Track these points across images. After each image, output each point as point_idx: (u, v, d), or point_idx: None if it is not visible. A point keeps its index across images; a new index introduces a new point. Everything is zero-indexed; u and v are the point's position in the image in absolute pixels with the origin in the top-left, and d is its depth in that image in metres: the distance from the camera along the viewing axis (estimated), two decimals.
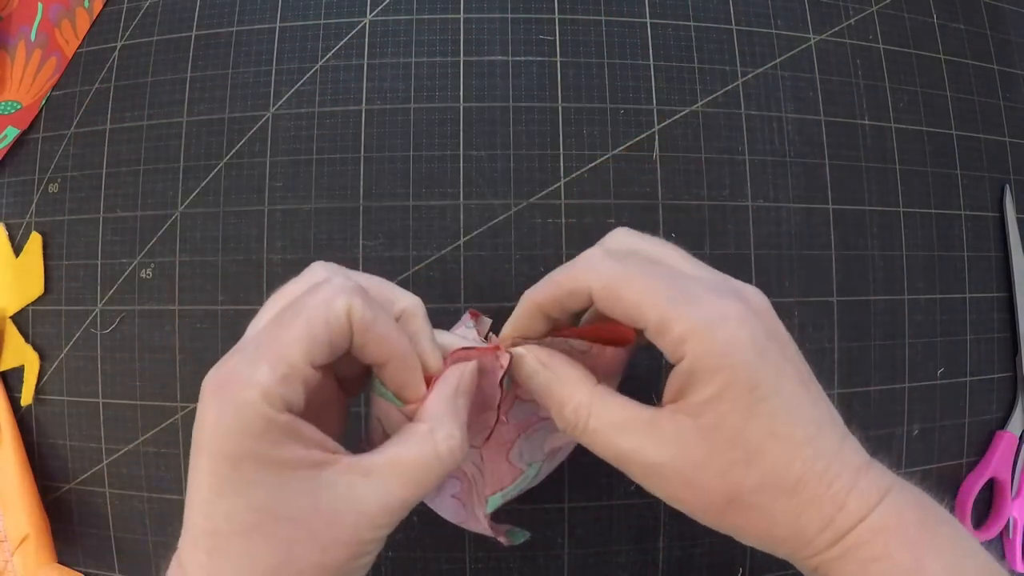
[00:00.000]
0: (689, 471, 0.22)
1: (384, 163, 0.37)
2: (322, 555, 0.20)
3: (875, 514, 0.22)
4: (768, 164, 0.38)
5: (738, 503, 0.22)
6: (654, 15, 0.39)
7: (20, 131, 0.40)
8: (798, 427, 0.22)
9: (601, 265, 0.23)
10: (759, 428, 0.21)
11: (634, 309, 0.22)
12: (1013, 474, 0.40)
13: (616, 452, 0.23)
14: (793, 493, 0.22)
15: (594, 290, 0.23)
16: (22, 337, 0.38)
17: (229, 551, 0.20)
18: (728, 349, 0.21)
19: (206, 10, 0.39)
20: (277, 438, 0.20)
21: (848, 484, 0.22)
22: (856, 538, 0.22)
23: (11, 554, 0.36)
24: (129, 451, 0.37)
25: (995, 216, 0.41)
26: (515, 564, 0.36)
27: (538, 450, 0.29)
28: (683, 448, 0.22)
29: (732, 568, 0.36)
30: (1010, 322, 0.41)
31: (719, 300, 0.22)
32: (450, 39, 0.38)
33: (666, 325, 0.21)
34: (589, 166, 0.37)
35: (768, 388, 0.21)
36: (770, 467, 0.22)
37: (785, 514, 0.22)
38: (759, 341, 0.22)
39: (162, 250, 0.38)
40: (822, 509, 0.22)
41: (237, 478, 0.20)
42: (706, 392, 0.21)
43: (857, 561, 0.22)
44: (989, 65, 0.42)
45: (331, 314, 0.21)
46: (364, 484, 0.21)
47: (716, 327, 0.21)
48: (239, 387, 0.20)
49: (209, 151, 0.38)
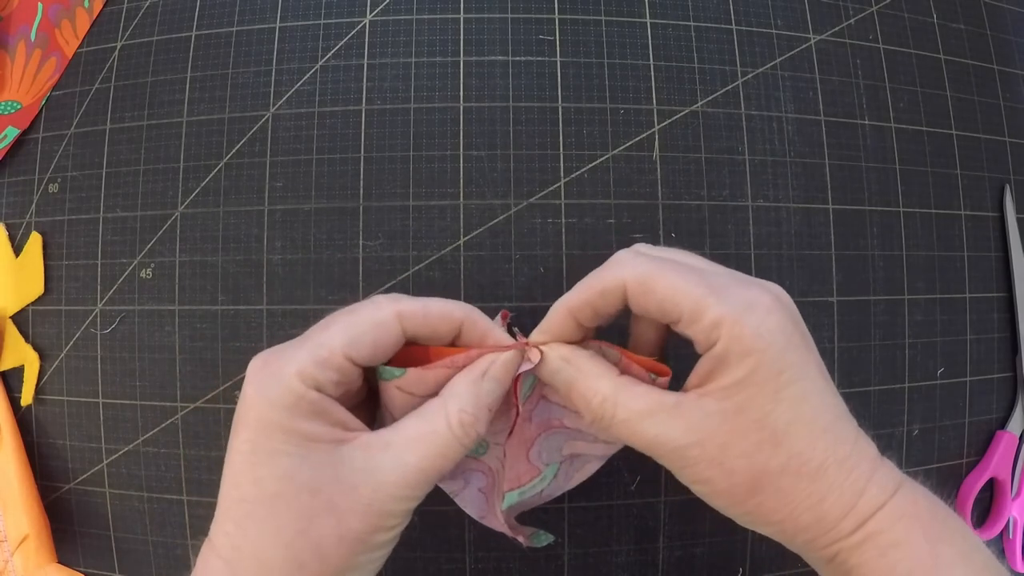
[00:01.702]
0: (716, 453, 0.22)
1: (384, 163, 0.37)
2: (339, 525, 0.21)
3: (893, 502, 0.23)
4: (768, 164, 0.38)
5: (763, 486, 0.22)
6: (654, 15, 0.39)
7: (20, 131, 0.40)
8: (821, 414, 0.23)
9: (633, 261, 0.24)
10: (785, 412, 0.22)
11: (668, 300, 0.23)
12: (1013, 474, 0.40)
13: (645, 439, 0.23)
14: (816, 477, 0.22)
15: (628, 284, 0.23)
16: (22, 337, 0.38)
17: (253, 519, 0.21)
18: (759, 334, 0.22)
19: (206, 10, 0.39)
20: (305, 413, 0.21)
21: (867, 472, 0.23)
22: (876, 525, 0.22)
23: (11, 554, 0.36)
24: (129, 451, 0.37)
25: (995, 216, 0.41)
26: (515, 564, 0.36)
27: (556, 451, 0.29)
28: (710, 430, 0.23)
29: (732, 568, 0.36)
30: (1010, 322, 0.41)
31: (748, 290, 0.23)
32: (450, 39, 0.38)
33: (700, 313, 0.22)
34: (589, 166, 0.37)
35: (794, 374, 0.22)
36: (795, 450, 0.22)
37: (808, 498, 0.22)
38: (787, 329, 0.23)
39: (162, 250, 0.38)
40: (844, 495, 0.22)
41: (266, 446, 0.21)
42: (735, 375, 0.22)
43: (877, 547, 0.22)
44: (989, 65, 0.42)
45: (379, 315, 0.23)
46: (381, 456, 0.22)
47: (748, 314, 0.22)
48: (279, 365, 0.22)
49: (209, 151, 0.38)
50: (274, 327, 0.36)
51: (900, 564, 0.22)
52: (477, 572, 0.36)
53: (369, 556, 0.23)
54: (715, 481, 0.23)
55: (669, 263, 0.24)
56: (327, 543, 0.21)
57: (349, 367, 0.22)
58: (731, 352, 0.22)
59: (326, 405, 0.22)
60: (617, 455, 0.36)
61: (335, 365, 0.22)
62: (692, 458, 0.23)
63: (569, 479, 0.30)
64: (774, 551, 0.37)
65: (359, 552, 0.22)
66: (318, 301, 0.36)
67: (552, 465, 0.29)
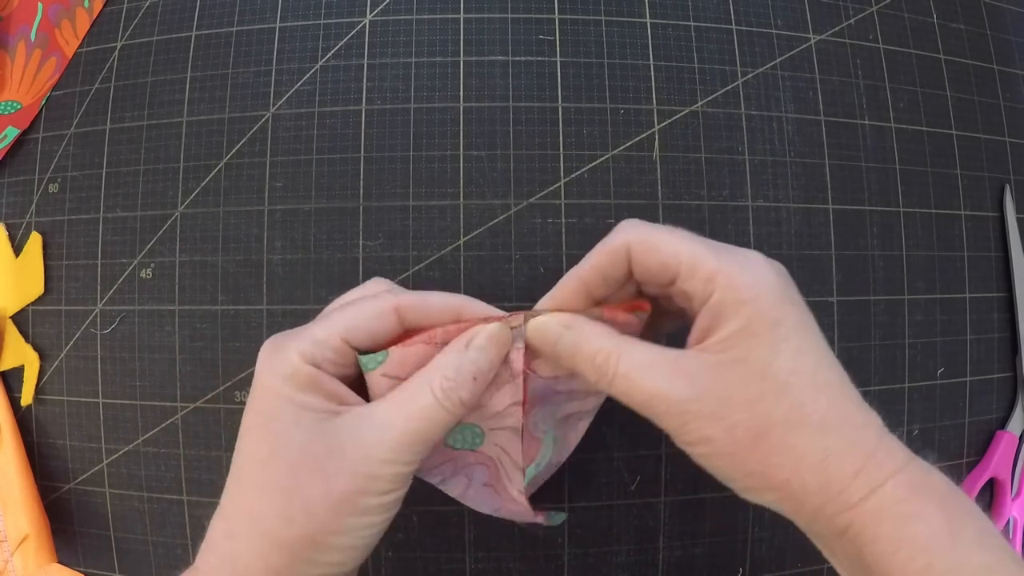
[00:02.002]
0: (717, 405, 0.22)
1: (384, 163, 0.37)
2: (327, 483, 0.22)
3: (906, 472, 0.22)
4: (768, 164, 0.38)
5: (766, 439, 0.22)
6: (654, 15, 0.39)
7: (20, 131, 0.40)
8: (822, 368, 0.23)
9: (636, 224, 0.25)
10: (785, 362, 0.22)
11: (670, 255, 0.24)
12: (1013, 474, 0.40)
13: (645, 394, 0.23)
14: (821, 431, 0.22)
15: (632, 243, 0.24)
16: (22, 337, 0.38)
17: (249, 477, 0.24)
18: (754, 284, 0.23)
19: (206, 10, 0.39)
20: (303, 385, 0.23)
21: (874, 436, 0.22)
22: (892, 493, 0.21)
23: (11, 554, 0.36)
24: (129, 451, 0.37)
25: (995, 216, 0.41)
26: (515, 564, 0.36)
27: (549, 417, 0.30)
28: (709, 382, 0.23)
29: (732, 568, 0.37)
30: (1010, 322, 0.41)
31: (744, 251, 0.24)
32: (450, 39, 0.38)
33: (697, 265, 0.23)
34: (589, 166, 0.37)
35: (792, 326, 0.23)
36: (797, 400, 0.22)
37: (813, 454, 0.22)
38: (781, 285, 0.23)
39: (162, 250, 0.38)
40: (851, 454, 0.22)
41: (266, 413, 0.23)
42: (732, 326, 0.22)
43: (895, 518, 0.21)
44: (989, 65, 0.42)
45: (377, 307, 0.25)
46: (369, 423, 0.23)
47: (744, 266, 0.23)
48: (284, 343, 0.24)
49: (209, 151, 0.38)
50: (274, 327, 0.36)
51: (918, 537, 0.21)
52: (477, 572, 0.36)
53: (359, 520, 0.23)
54: (716, 439, 0.23)
55: (668, 227, 0.25)
56: (315, 500, 0.22)
57: (347, 350, 0.24)
58: (726, 302, 0.23)
59: (323, 379, 0.24)
60: (618, 456, 0.36)
61: (332, 346, 0.24)
62: (692, 413, 0.22)
63: (567, 442, 0.31)
64: (774, 551, 0.37)
65: (347, 513, 0.23)
66: (318, 301, 0.36)
67: (548, 432, 0.30)
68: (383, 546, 0.36)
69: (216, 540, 0.24)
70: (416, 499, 0.35)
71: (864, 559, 0.22)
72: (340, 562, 0.24)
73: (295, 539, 0.23)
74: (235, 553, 0.23)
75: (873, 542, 0.22)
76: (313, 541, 0.23)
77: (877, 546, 0.21)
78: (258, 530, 0.23)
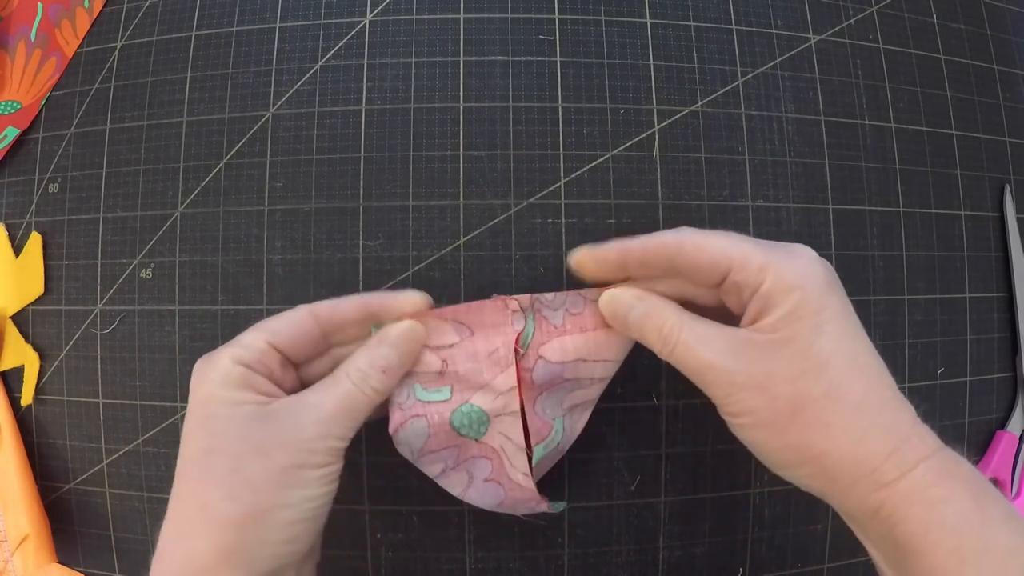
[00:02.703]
0: (762, 377, 0.24)
1: (384, 163, 0.37)
2: (267, 460, 0.24)
3: (937, 457, 0.23)
4: (768, 164, 0.38)
5: (804, 413, 0.24)
6: (654, 15, 0.39)
7: (20, 131, 0.40)
8: (860, 353, 0.25)
9: (687, 228, 0.27)
10: (826, 344, 0.24)
11: (719, 252, 0.26)
12: (1013, 474, 0.40)
13: (700, 361, 0.25)
14: (857, 411, 0.24)
15: (685, 242, 0.26)
16: (22, 337, 0.38)
17: (193, 470, 0.25)
18: (803, 273, 0.25)
19: (206, 10, 0.39)
20: (235, 384, 0.25)
21: (909, 421, 0.24)
22: (924, 476, 0.23)
23: (11, 554, 0.36)
24: (129, 451, 0.37)
25: (995, 216, 0.41)
26: (515, 564, 0.36)
27: (557, 405, 0.30)
28: (757, 358, 0.25)
29: (732, 568, 0.37)
30: (1010, 322, 0.41)
31: (794, 245, 0.26)
32: (450, 39, 0.38)
33: (748, 260, 0.25)
34: (589, 166, 0.37)
35: (835, 312, 0.25)
36: (836, 380, 0.24)
37: (849, 433, 0.23)
38: (827, 276, 0.25)
39: (162, 250, 0.38)
40: (886, 435, 0.23)
41: (203, 415, 0.25)
42: (781, 310, 0.24)
43: (925, 501, 0.23)
44: (989, 65, 0.42)
45: (293, 316, 0.28)
46: (301, 406, 0.26)
47: (793, 257, 0.25)
48: (216, 355, 0.26)
49: (209, 151, 0.38)
50: None
51: (949, 519, 0.22)
52: (477, 572, 0.36)
53: (301, 492, 0.25)
54: (759, 410, 0.24)
55: (720, 231, 0.27)
56: (257, 477, 0.24)
57: (270, 350, 0.27)
58: (776, 290, 0.24)
59: (254, 378, 0.26)
60: (618, 456, 0.36)
61: (259, 348, 0.26)
62: (738, 384, 0.24)
63: (573, 431, 0.31)
64: (774, 551, 0.37)
65: (288, 485, 0.25)
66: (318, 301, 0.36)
67: (558, 419, 0.30)
68: (383, 546, 0.36)
69: (168, 546, 0.25)
70: (416, 499, 0.35)
71: (896, 539, 0.23)
72: (289, 538, 0.25)
73: (241, 516, 0.24)
74: (190, 552, 0.24)
75: (904, 523, 0.23)
76: (259, 516, 0.24)
77: (908, 527, 0.23)
78: (207, 518, 0.24)
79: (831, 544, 0.37)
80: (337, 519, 0.36)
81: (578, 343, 0.29)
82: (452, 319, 0.28)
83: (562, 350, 0.29)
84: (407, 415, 0.28)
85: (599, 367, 0.30)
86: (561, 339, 0.29)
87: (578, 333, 0.29)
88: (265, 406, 0.25)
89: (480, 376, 0.29)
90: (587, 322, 0.29)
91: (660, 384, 0.36)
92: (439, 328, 0.28)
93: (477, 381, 0.29)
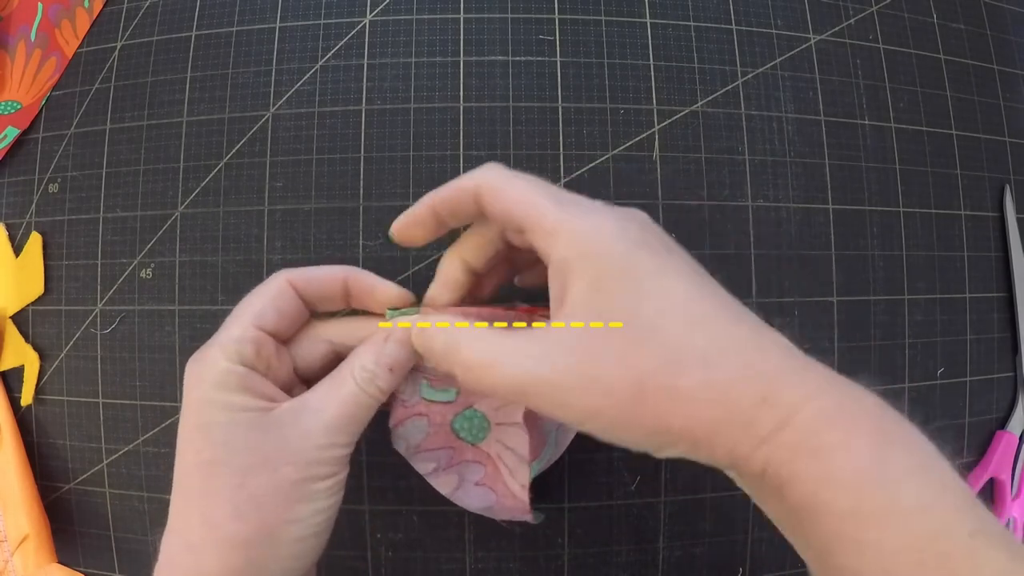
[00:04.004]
0: (589, 369, 0.20)
1: (384, 163, 0.37)
2: (274, 475, 0.23)
3: (825, 400, 0.19)
4: (768, 164, 0.38)
5: (650, 390, 0.20)
6: (654, 15, 0.39)
7: (20, 131, 0.40)
8: (693, 302, 0.21)
9: (494, 169, 0.25)
10: (647, 307, 0.21)
11: (514, 204, 0.23)
12: (1013, 474, 0.40)
13: (514, 383, 0.21)
14: (703, 365, 0.20)
15: (481, 186, 0.24)
16: (22, 337, 0.38)
17: (196, 484, 0.24)
18: (596, 232, 0.22)
19: (206, 10, 0.39)
20: (233, 387, 0.24)
21: (776, 361, 0.20)
22: (810, 422, 0.19)
23: (11, 554, 0.36)
24: (129, 451, 0.37)
25: (995, 216, 0.41)
26: (515, 564, 0.36)
27: (551, 419, 0.30)
28: (575, 349, 0.21)
29: (732, 568, 0.36)
30: (1010, 322, 0.41)
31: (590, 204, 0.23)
32: (450, 39, 0.38)
33: (540, 218, 0.22)
34: (589, 166, 0.37)
35: (647, 269, 0.21)
36: (670, 342, 0.20)
37: (706, 390, 0.20)
38: (631, 231, 0.22)
39: (162, 250, 0.38)
40: (748, 382, 0.20)
41: (201, 422, 0.24)
42: (582, 284, 0.21)
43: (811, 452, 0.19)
44: (989, 65, 0.42)
45: (272, 287, 0.26)
46: (304, 413, 0.24)
47: (585, 218, 0.22)
48: (206, 352, 0.25)
49: (209, 151, 0.38)
50: None
51: (840, 473, 0.19)
52: (477, 572, 0.36)
53: (308, 507, 0.24)
54: (603, 410, 0.20)
55: (526, 178, 0.24)
56: (263, 493, 0.23)
57: (262, 336, 0.25)
58: (571, 258, 0.21)
59: (252, 380, 0.24)
60: (618, 456, 0.36)
61: (250, 337, 0.25)
62: (568, 389, 0.21)
63: (559, 444, 0.31)
64: (774, 551, 0.37)
65: (295, 500, 0.23)
66: None
67: (552, 432, 0.30)
68: (383, 546, 0.36)
69: (175, 557, 0.24)
70: (416, 499, 0.35)
71: (787, 500, 0.19)
72: (297, 554, 0.24)
73: (250, 534, 0.23)
74: (198, 565, 0.23)
75: (792, 481, 0.19)
76: (267, 534, 0.23)
77: (797, 487, 0.19)
78: (215, 536, 0.23)
79: None
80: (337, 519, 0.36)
81: None
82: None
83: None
84: (410, 412, 0.28)
85: None
86: None
87: None
88: (267, 413, 0.24)
89: None
90: None
91: None
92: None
93: None
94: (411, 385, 0.28)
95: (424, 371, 0.28)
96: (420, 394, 0.28)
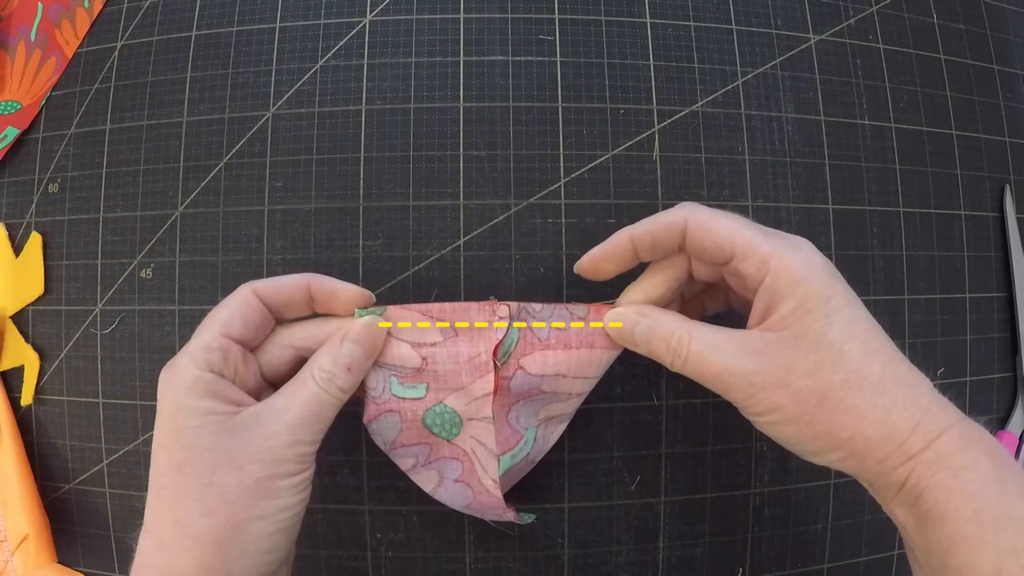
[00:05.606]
0: (782, 375, 0.25)
1: (384, 163, 0.37)
2: (240, 473, 0.25)
3: (959, 427, 0.24)
4: (768, 164, 0.38)
5: (829, 401, 0.24)
6: (654, 15, 0.39)
7: (20, 131, 0.40)
8: (872, 336, 0.25)
9: (698, 207, 0.27)
10: (839, 332, 0.25)
11: (723, 237, 0.26)
12: None
13: (715, 368, 0.26)
14: (878, 390, 0.24)
15: (690, 221, 0.27)
16: (22, 337, 0.38)
17: (167, 485, 0.25)
18: (806, 265, 0.25)
19: (206, 10, 0.39)
20: (202, 392, 0.25)
21: (927, 393, 0.25)
22: (946, 446, 0.24)
23: (11, 554, 0.36)
24: (129, 451, 0.37)
25: (995, 216, 0.41)
26: (515, 564, 0.36)
27: (532, 415, 0.31)
28: (772, 356, 0.25)
29: (732, 568, 0.37)
30: (1010, 322, 0.41)
31: (793, 236, 0.27)
32: (450, 39, 0.38)
33: (752, 248, 0.26)
34: (589, 166, 0.37)
35: (842, 301, 0.25)
36: (853, 365, 0.24)
37: (874, 411, 0.24)
38: (829, 266, 0.26)
39: (162, 250, 0.38)
40: (908, 409, 0.24)
41: (172, 426, 0.25)
42: (789, 305, 0.25)
43: (949, 468, 0.23)
44: (989, 65, 0.42)
45: (238, 298, 0.27)
46: (268, 413, 0.26)
47: (795, 249, 0.26)
48: (176, 361, 0.26)
49: (209, 151, 0.38)
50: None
51: (970, 486, 0.23)
52: (477, 572, 0.36)
53: (275, 503, 0.25)
54: (784, 406, 0.25)
55: (727, 214, 0.27)
56: (230, 490, 0.24)
57: (229, 344, 0.27)
58: (781, 283, 0.25)
59: (220, 385, 0.26)
60: (618, 456, 0.36)
61: (217, 345, 0.26)
62: (759, 384, 0.25)
63: (547, 441, 0.32)
64: (774, 551, 0.37)
65: (261, 497, 0.25)
66: None
67: (530, 429, 0.31)
68: (383, 546, 0.36)
69: (148, 555, 0.25)
70: (416, 499, 0.35)
71: (920, 507, 0.24)
72: (267, 549, 0.25)
73: (219, 531, 0.24)
74: (170, 563, 0.24)
75: (929, 491, 0.23)
76: (236, 530, 0.24)
77: (932, 494, 0.23)
78: (186, 532, 0.24)
79: (831, 544, 0.37)
80: (337, 519, 0.36)
81: (560, 358, 0.29)
82: (437, 316, 0.28)
83: (543, 363, 0.29)
84: (381, 409, 0.29)
85: (578, 383, 0.30)
86: (544, 352, 0.29)
87: (561, 349, 0.29)
88: (233, 416, 0.25)
89: (459, 378, 0.29)
90: (572, 339, 0.29)
91: (660, 384, 0.36)
92: (423, 326, 0.28)
93: (455, 383, 0.29)
94: (381, 382, 0.29)
95: (392, 368, 0.28)
96: (391, 391, 0.28)
